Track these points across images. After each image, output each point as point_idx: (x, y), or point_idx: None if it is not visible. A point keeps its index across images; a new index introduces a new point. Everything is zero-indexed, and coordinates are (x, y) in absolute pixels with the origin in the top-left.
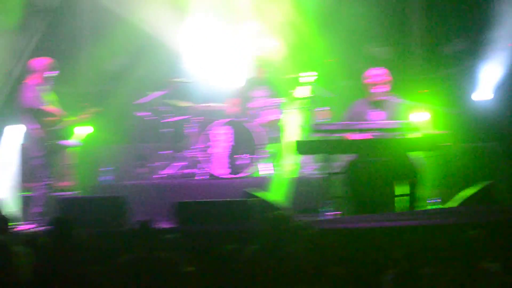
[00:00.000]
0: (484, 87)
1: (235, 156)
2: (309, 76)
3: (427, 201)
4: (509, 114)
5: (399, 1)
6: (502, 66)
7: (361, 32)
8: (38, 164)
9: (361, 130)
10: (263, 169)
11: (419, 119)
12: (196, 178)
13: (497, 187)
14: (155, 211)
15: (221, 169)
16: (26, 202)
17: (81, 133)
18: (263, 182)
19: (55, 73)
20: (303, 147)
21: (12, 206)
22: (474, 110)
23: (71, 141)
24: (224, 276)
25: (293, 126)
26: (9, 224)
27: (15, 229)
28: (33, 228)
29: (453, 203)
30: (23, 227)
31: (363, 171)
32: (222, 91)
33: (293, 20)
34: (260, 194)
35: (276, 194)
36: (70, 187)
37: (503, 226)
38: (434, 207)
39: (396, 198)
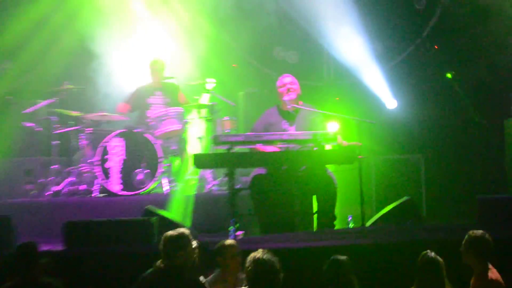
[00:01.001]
0: (390, 94)
1: (132, 170)
2: (208, 83)
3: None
4: (418, 123)
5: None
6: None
7: (267, 36)
8: None
9: (269, 142)
10: (163, 184)
11: (330, 129)
12: (89, 195)
13: (416, 203)
14: (45, 232)
15: (116, 185)
16: None
17: None
18: (163, 199)
19: None
20: (202, 161)
21: None
22: (390, 119)
23: None
24: None
25: (195, 137)
26: None
27: None
28: None
29: (369, 221)
30: None
31: (270, 187)
32: (117, 98)
33: (194, 21)
34: (161, 212)
35: (177, 212)
36: None
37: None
38: (351, 226)
39: (309, 216)
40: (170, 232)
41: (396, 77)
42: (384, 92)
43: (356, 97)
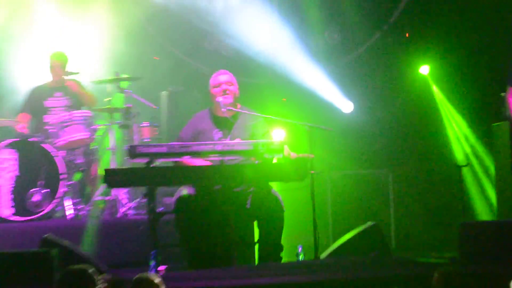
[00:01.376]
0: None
1: (26, 190)
2: (123, 81)
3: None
4: (384, 130)
5: None
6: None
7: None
8: None
9: (199, 153)
10: (65, 208)
11: (276, 138)
12: None
13: (382, 229)
14: None
15: (6, 209)
16: None
17: None
18: (65, 226)
19: None
20: (114, 178)
21: None
22: (349, 125)
23: None
24: None
25: (106, 148)
26: None
27: None
28: None
29: (324, 252)
30: None
31: (200, 210)
32: (10, 101)
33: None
34: (63, 242)
35: (84, 242)
36: None
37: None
38: (301, 258)
39: (249, 246)
40: (72, 268)
41: (354, 73)
42: (340, 92)
43: (306, 98)
